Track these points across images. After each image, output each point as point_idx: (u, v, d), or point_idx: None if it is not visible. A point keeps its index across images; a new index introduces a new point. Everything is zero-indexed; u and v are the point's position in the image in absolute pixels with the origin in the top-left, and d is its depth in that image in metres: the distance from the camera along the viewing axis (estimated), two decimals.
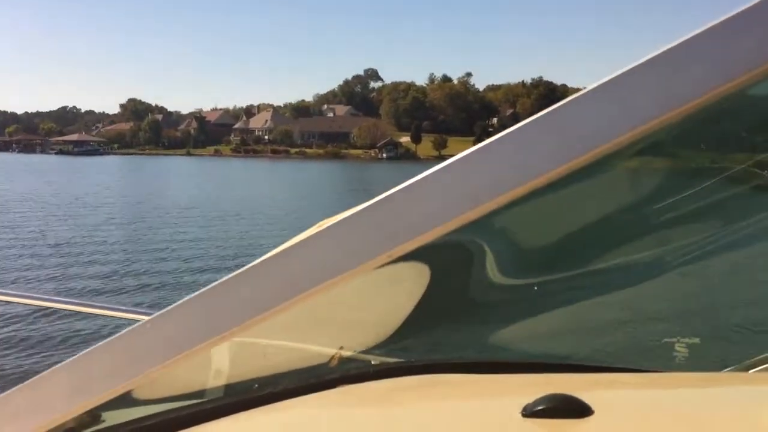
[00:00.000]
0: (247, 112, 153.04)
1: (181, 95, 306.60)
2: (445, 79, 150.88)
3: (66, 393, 1.06)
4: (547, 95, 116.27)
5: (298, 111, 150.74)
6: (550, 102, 0.79)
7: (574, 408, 0.90)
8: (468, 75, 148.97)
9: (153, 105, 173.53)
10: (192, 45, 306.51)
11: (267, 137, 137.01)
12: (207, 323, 0.94)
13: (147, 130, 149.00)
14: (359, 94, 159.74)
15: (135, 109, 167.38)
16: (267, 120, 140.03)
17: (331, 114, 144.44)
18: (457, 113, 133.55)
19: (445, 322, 1.85)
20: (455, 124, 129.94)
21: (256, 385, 1.49)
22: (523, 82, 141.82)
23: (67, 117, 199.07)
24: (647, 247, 1.87)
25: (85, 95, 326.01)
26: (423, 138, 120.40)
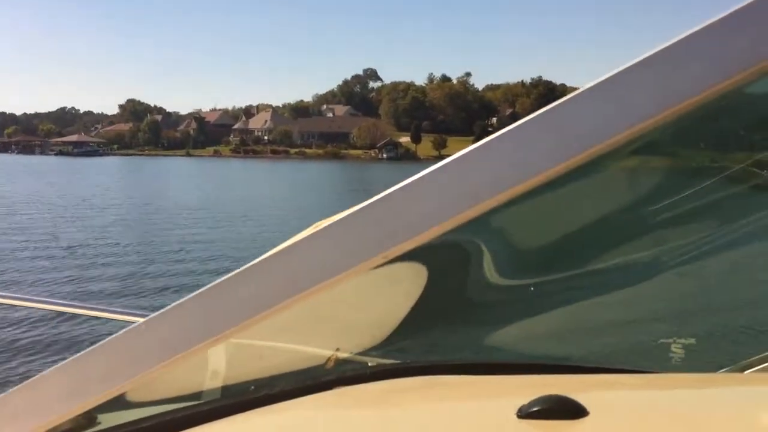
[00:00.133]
0: (246, 112, 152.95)
1: (180, 96, 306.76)
2: (445, 79, 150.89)
3: (62, 395, 1.06)
4: (546, 95, 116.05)
5: (297, 111, 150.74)
6: (549, 101, 0.79)
7: (569, 409, 0.90)
8: (467, 75, 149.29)
9: (152, 105, 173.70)
10: (190, 45, 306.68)
11: (266, 137, 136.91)
12: (202, 325, 0.93)
13: (146, 130, 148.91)
14: (358, 94, 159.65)
15: (134, 110, 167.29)
16: (266, 120, 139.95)
17: (331, 114, 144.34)
18: (457, 113, 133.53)
19: (442, 323, 1.85)
20: (455, 123, 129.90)
21: (252, 387, 1.49)
22: (523, 81, 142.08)
23: (66, 118, 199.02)
24: (643, 248, 1.86)
25: (84, 96, 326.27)
26: (423, 138, 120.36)
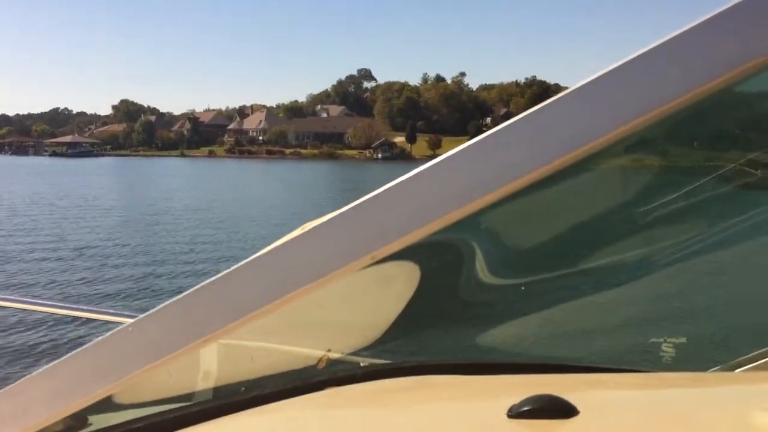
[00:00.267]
0: (240, 112, 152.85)
1: (173, 96, 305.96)
2: (439, 79, 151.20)
3: (49, 397, 1.05)
4: (541, 94, 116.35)
5: (291, 111, 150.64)
6: (543, 101, 0.80)
7: (559, 408, 0.90)
8: (462, 75, 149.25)
9: (145, 106, 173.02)
10: (182, 45, 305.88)
11: (261, 138, 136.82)
12: (190, 326, 0.92)
13: (140, 131, 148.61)
14: (353, 94, 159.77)
15: (127, 111, 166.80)
16: (261, 120, 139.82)
17: (325, 114, 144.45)
18: (451, 113, 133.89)
19: (433, 323, 1.84)
20: (449, 123, 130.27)
21: (243, 388, 1.48)
22: (517, 81, 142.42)
23: (59, 119, 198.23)
24: (633, 248, 1.86)
25: (77, 96, 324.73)
26: (418, 138, 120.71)
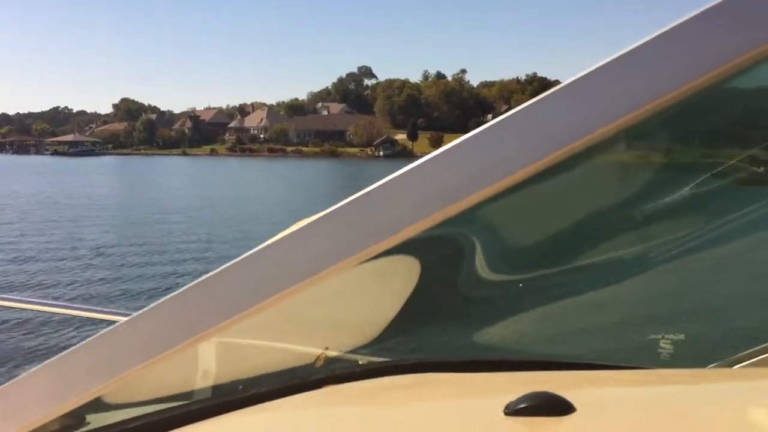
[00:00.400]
0: (241, 111, 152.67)
1: (173, 94, 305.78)
2: (440, 76, 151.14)
3: (44, 396, 1.04)
4: (541, 91, 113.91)
5: (292, 109, 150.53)
6: None
7: (556, 406, 0.90)
8: (462, 72, 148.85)
9: (146, 105, 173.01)
10: (181, 44, 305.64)
11: (263, 136, 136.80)
12: (183, 324, 0.92)
13: (141, 130, 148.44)
14: (353, 91, 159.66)
15: (128, 109, 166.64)
16: (262, 119, 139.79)
17: (326, 112, 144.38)
18: (452, 110, 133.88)
19: (432, 320, 1.84)
20: (450, 120, 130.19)
21: (240, 387, 1.47)
22: (518, 78, 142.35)
23: (60, 117, 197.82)
24: (631, 244, 1.85)
25: (77, 95, 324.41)
26: (419, 135, 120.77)
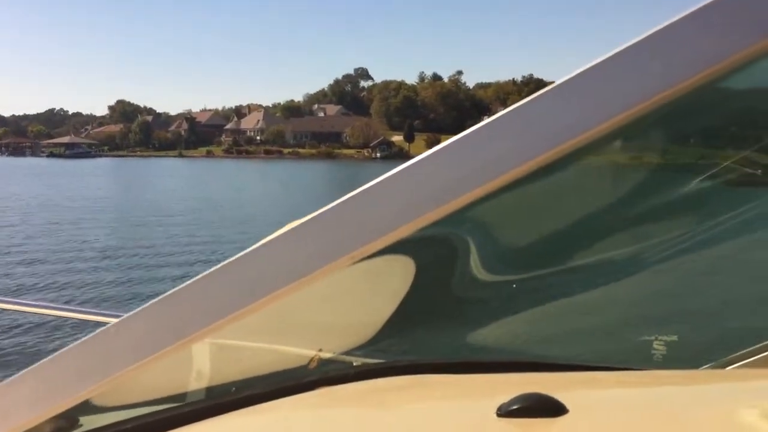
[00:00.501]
0: (237, 112, 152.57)
1: (169, 96, 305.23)
2: (436, 78, 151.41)
3: (35, 398, 1.04)
4: None
5: (288, 111, 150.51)
6: None
7: (548, 407, 0.90)
8: (459, 73, 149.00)
9: (142, 106, 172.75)
10: (177, 45, 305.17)
11: (259, 138, 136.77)
12: (173, 326, 0.92)
13: (137, 131, 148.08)
14: (349, 93, 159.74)
15: (123, 111, 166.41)
16: (258, 120, 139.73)
17: (322, 114, 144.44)
18: (448, 111, 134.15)
19: (425, 322, 1.84)
20: (446, 122, 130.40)
21: (233, 388, 1.47)
22: (514, 79, 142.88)
23: (55, 119, 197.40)
24: (624, 245, 1.85)
25: (72, 97, 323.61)
26: (416, 137, 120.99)
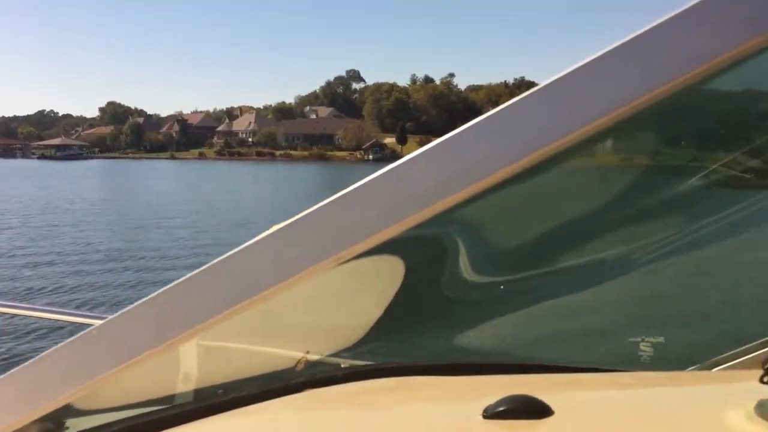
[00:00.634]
0: (229, 114, 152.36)
1: (159, 98, 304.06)
2: (428, 80, 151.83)
3: (17, 401, 1.02)
4: None
5: (280, 113, 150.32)
6: None
7: (533, 409, 0.91)
8: (450, 75, 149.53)
9: (132, 108, 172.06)
10: (167, 47, 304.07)
11: (251, 140, 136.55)
12: (158, 327, 0.91)
13: (128, 133, 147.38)
14: (341, 95, 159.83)
15: (114, 113, 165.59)
16: (251, 122, 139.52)
17: (314, 116, 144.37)
18: (440, 114, 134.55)
19: (412, 324, 1.84)
20: (438, 124, 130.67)
21: (220, 390, 1.46)
22: (506, 82, 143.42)
23: (45, 121, 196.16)
24: (610, 247, 1.86)
25: (62, 99, 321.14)
26: (408, 139, 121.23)
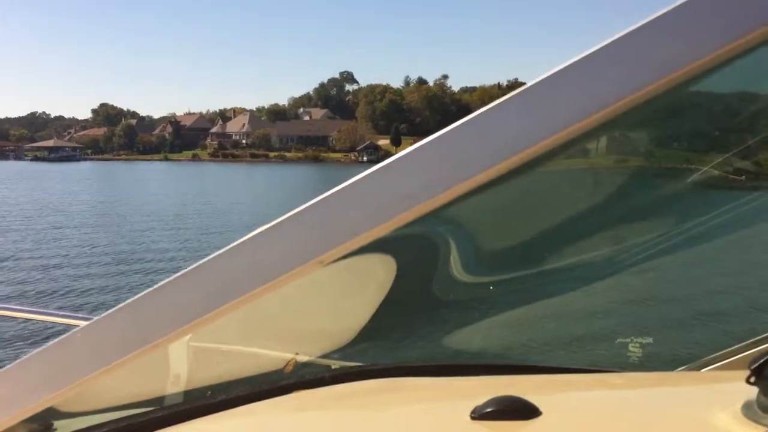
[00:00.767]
0: (222, 116, 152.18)
1: (152, 99, 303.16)
2: (421, 82, 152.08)
3: (3, 402, 1.03)
4: None
5: (274, 114, 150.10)
6: None
7: (521, 409, 0.91)
8: (444, 77, 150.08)
9: (125, 110, 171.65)
10: (159, 49, 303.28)
11: (245, 141, 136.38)
12: (144, 328, 0.90)
13: (121, 135, 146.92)
14: (335, 97, 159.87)
15: (107, 114, 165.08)
16: (244, 124, 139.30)
17: (308, 117, 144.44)
18: (434, 115, 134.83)
19: (402, 325, 1.86)
20: (431, 126, 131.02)
21: (209, 392, 1.45)
22: (499, 84, 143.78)
23: (37, 123, 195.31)
24: (600, 249, 1.87)
25: (54, 101, 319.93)
26: (402, 140, 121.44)
